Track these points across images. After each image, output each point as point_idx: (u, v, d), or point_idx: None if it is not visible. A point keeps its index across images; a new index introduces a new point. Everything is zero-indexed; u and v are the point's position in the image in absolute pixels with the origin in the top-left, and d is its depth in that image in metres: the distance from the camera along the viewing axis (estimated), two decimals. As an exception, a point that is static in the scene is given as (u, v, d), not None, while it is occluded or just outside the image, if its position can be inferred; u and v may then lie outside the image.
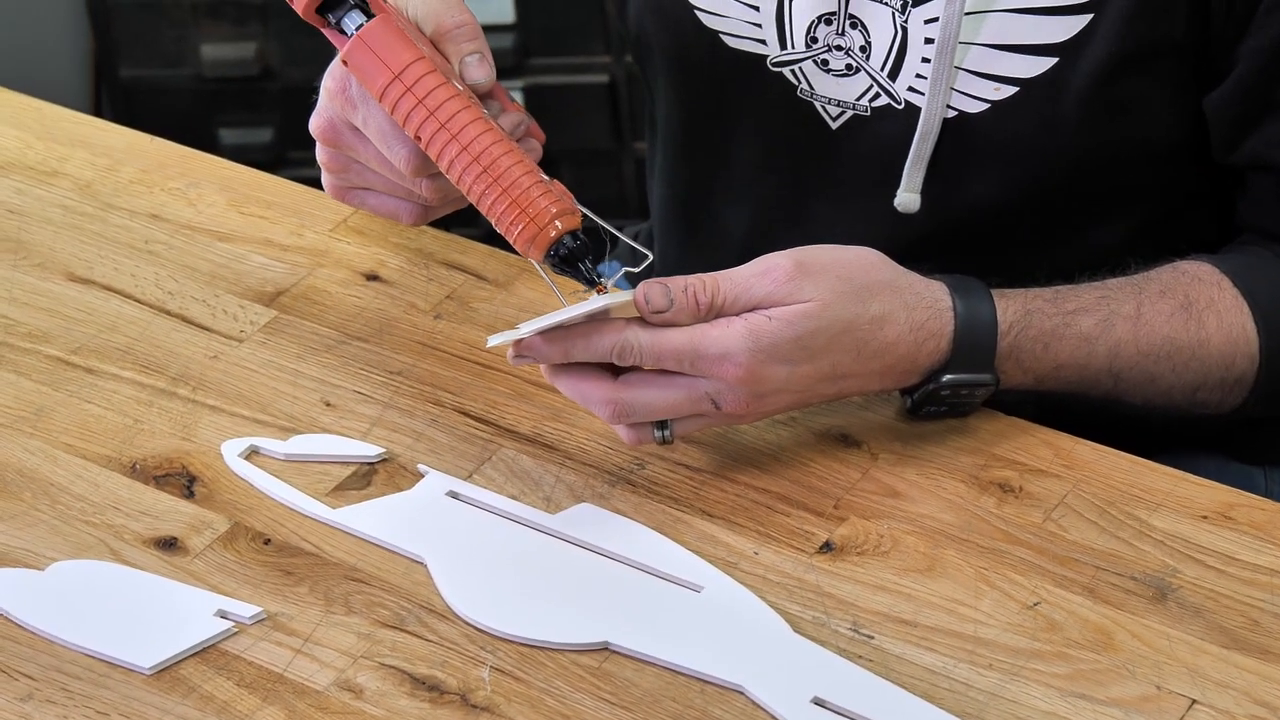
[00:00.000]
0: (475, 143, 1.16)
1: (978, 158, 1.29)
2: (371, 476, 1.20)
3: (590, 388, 1.15)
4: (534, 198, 1.16)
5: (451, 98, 1.17)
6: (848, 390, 1.18)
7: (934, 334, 1.18)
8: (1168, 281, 1.24)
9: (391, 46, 1.17)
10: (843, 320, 1.15)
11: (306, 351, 1.28)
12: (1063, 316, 1.21)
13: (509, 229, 1.17)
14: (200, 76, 2.48)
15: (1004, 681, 1.08)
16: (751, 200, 1.38)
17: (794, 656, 1.09)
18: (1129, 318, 1.22)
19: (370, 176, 1.25)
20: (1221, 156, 1.29)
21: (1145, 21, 1.23)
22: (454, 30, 1.21)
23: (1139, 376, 1.23)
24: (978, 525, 1.16)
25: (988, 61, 1.26)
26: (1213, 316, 1.23)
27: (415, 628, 1.11)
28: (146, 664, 1.09)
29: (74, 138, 1.45)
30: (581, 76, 2.43)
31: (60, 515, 1.17)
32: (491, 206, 1.17)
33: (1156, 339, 1.22)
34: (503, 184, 1.16)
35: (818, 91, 1.31)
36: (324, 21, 1.20)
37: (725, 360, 1.13)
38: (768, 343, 1.13)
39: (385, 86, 1.17)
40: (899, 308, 1.17)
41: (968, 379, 1.19)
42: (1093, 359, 1.22)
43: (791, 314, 1.14)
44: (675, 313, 1.13)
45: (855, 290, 1.15)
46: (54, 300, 1.32)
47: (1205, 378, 1.24)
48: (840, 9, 1.28)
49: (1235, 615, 1.11)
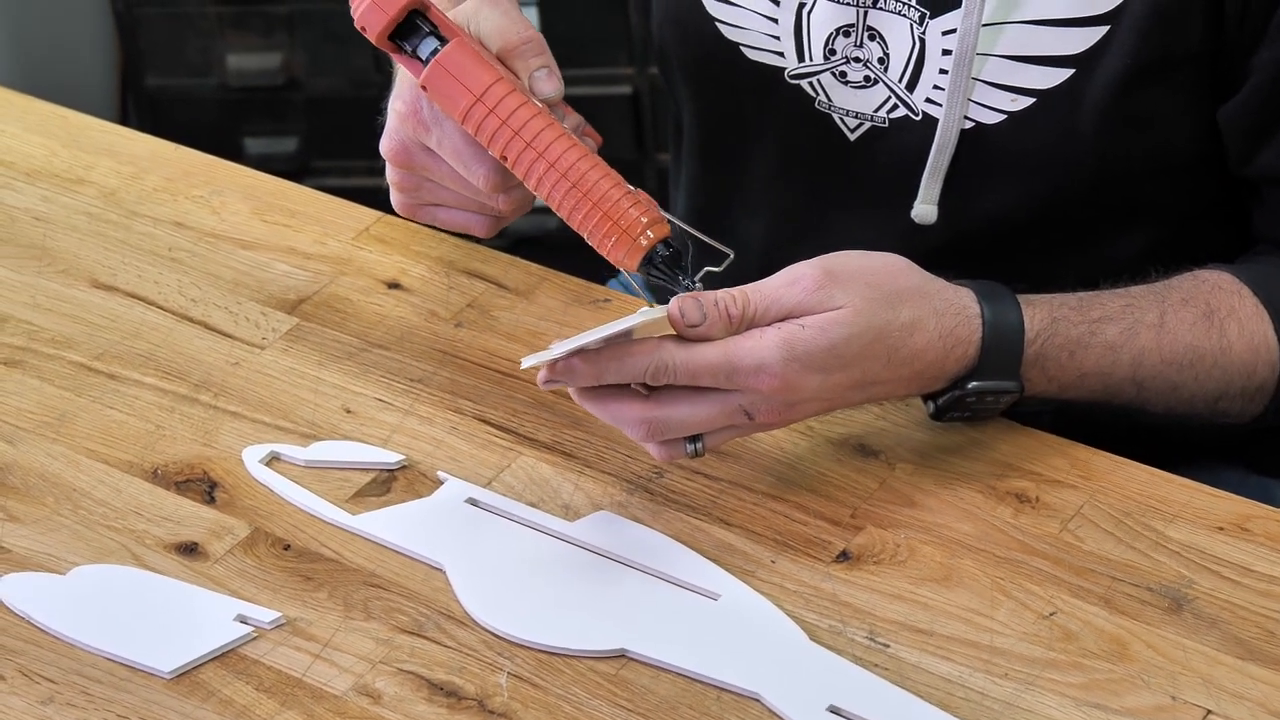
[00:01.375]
0: (562, 159, 1.18)
1: (994, 169, 1.29)
2: (391, 483, 1.20)
3: (623, 408, 1.14)
4: (624, 209, 1.17)
5: (534, 116, 1.19)
6: (875, 396, 1.18)
7: (962, 340, 1.18)
8: (1189, 290, 1.24)
9: (470, 69, 1.19)
10: (874, 327, 1.15)
11: (328, 359, 1.28)
12: (1088, 325, 1.21)
13: (601, 241, 1.18)
14: (226, 86, 2.49)
15: (1020, 691, 1.08)
16: (770, 211, 1.39)
17: (810, 665, 1.09)
18: (1153, 326, 1.22)
19: (442, 193, 1.26)
20: (1236, 169, 1.30)
21: (1161, 33, 1.24)
22: (521, 46, 1.22)
23: (1162, 385, 1.23)
24: (994, 535, 1.16)
25: (1005, 73, 1.26)
26: (1234, 324, 1.23)
27: (434, 634, 1.11)
28: (167, 668, 1.10)
29: (99, 146, 1.46)
30: (604, 88, 2.44)
31: (82, 520, 1.18)
32: (583, 221, 1.18)
33: (1180, 347, 1.22)
34: (593, 198, 1.18)
35: (835, 103, 1.31)
36: (396, 48, 1.22)
37: (760, 371, 1.13)
38: (801, 351, 1.13)
39: (468, 109, 1.19)
40: (928, 314, 1.17)
41: (993, 386, 1.19)
42: (1117, 368, 1.22)
43: (824, 321, 1.14)
44: (708, 326, 1.13)
45: (885, 296, 1.15)
46: (78, 306, 1.33)
47: (1227, 386, 1.24)
48: (858, 21, 1.28)
49: (1251, 626, 1.11)
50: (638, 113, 2.41)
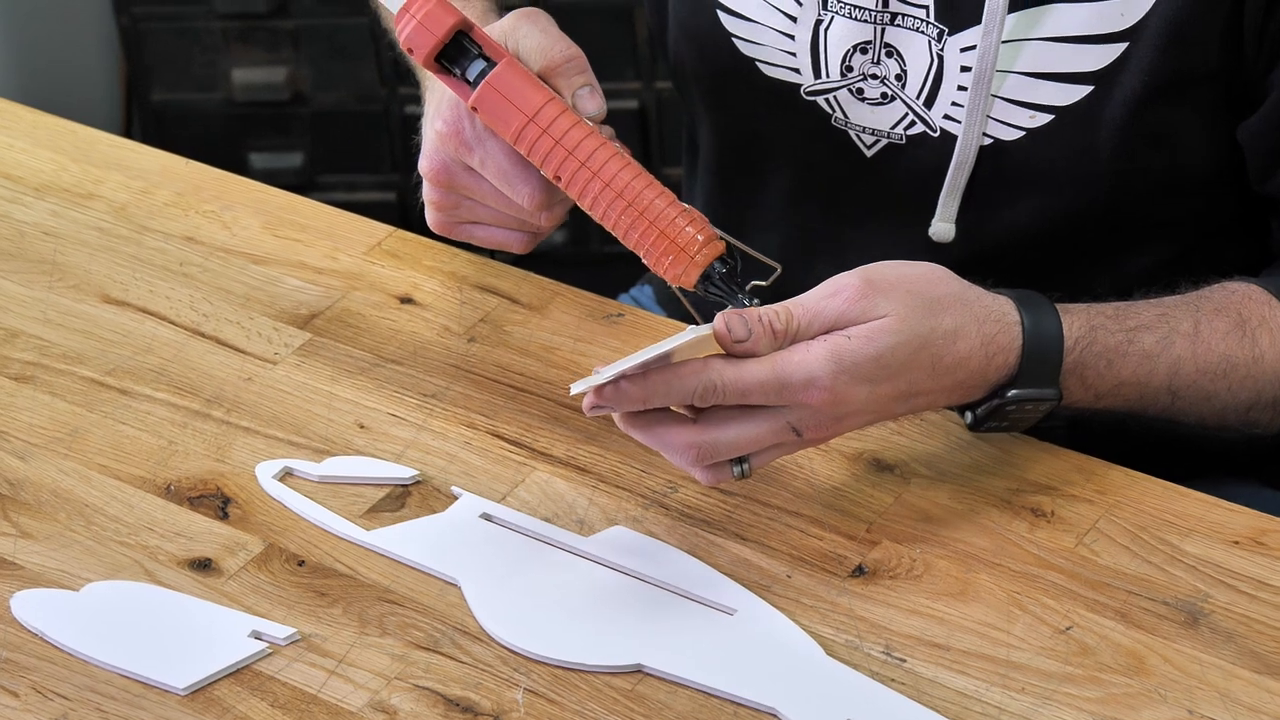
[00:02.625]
0: (617, 178, 1.19)
1: (1013, 186, 1.29)
2: (405, 498, 1.20)
3: (671, 434, 1.13)
4: (681, 227, 1.18)
5: (587, 136, 1.20)
6: (917, 408, 1.17)
7: (1003, 348, 1.17)
8: (1221, 300, 1.24)
9: (521, 90, 1.20)
10: (919, 335, 1.14)
11: (341, 374, 1.28)
12: (1125, 333, 1.20)
13: (659, 260, 1.19)
14: (231, 101, 2.49)
15: (1036, 705, 1.08)
16: (786, 228, 1.38)
17: (827, 680, 1.09)
18: (1188, 335, 1.22)
19: (481, 212, 1.26)
20: (1257, 185, 1.29)
21: (1179, 50, 1.24)
22: (564, 65, 1.23)
23: (1196, 395, 1.23)
24: (1010, 549, 1.16)
25: (1024, 90, 1.26)
26: (1266, 334, 1.23)
27: (449, 649, 1.11)
28: (181, 684, 1.09)
29: (109, 160, 1.45)
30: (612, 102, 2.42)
31: (95, 536, 1.18)
32: (640, 239, 1.19)
33: (1214, 357, 1.22)
34: (649, 216, 1.19)
35: (852, 120, 1.31)
36: (442, 69, 1.22)
37: (810, 386, 1.12)
38: (849, 362, 1.12)
39: (520, 129, 1.20)
40: (970, 321, 1.16)
41: (1033, 394, 1.18)
42: (1153, 376, 1.21)
43: (870, 331, 1.13)
44: (754, 342, 1.12)
45: (927, 304, 1.15)
46: (89, 322, 1.32)
47: (1259, 396, 1.24)
48: (876, 38, 1.28)
49: (1267, 640, 1.11)
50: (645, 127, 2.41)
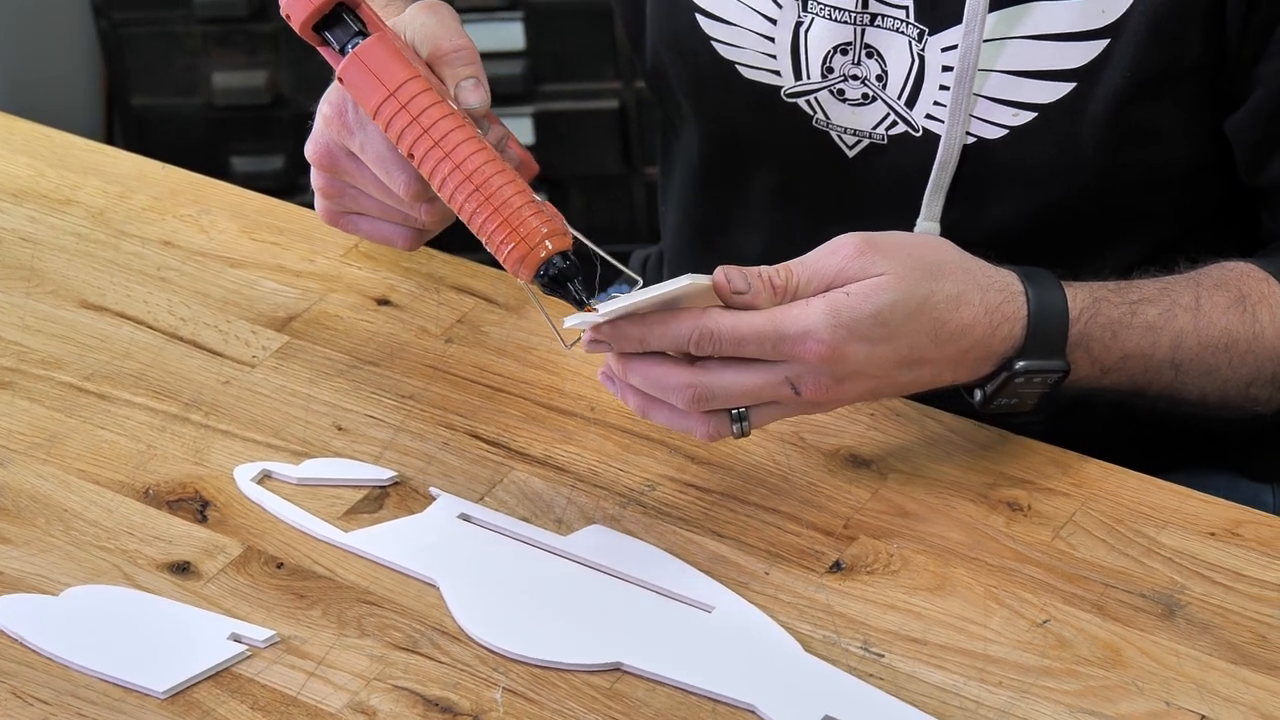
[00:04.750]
0: (468, 161, 1.16)
1: (996, 184, 1.29)
2: (384, 500, 1.20)
3: (667, 373, 1.12)
4: (525, 217, 1.16)
5: (445, 116, 1.17)
6: (923, 380, 1.16)
7: (1009, 318, 1.16)
8: (1219, 276, 1.24)
9: (387, 65, 1.17)
10: (918, 295, 1.13)
11: (318, 376, 1.28)
12: (1128, 305, 1.20)
13: (499, 248, 1.16)
14: (212, 105, 2.49)
15: (1014, 699, 1.08)
16: (769, 228, 1.39)
17: (805, 676, 1.09)
18: (1189, 309, 1.22)
19: (366, 202, 1.25)
20: (1247, 178, 1.30)
21: (1161, 45, 1.24)
22: (452, 54, 1.21)
23: (1199, 368, 1.22)
24: (987, 544, 1.17)
25: (1006, 88, 1.26)
26: (1266, 310, 1.23)
27: (428, 650, 1.11)
28: (161, 688, 1.10)
29: (86, 166, 1.46)
30: (591, 102, 2.44)
31: (74, 541, 1.18)
32: (483, 225, 1.17)
33: (1215, 330, 1.22)
34: (494, 203, 1.16)
35: (833, 121, 1.31)
36: (320, 40, 1.21)
37: (807, 338, 1.11)
38: (848, 318, 1.11)
39: (380, 104, 1.17)
40: (972, 288, 1.15)
41: (1042, 365, 1.17)
42: (1157, 349, 1.21)
43: (868, 288, 1.12)
44: (753, 295, 1.11)
45: (927, 267, 1.14)
46: (67, 327, 1.33)
47: (1259, 371, 1.24)
48: (856, 39, 1.28)
49: (1244, 631, 1.11)
50: (625, 127, 2.42)
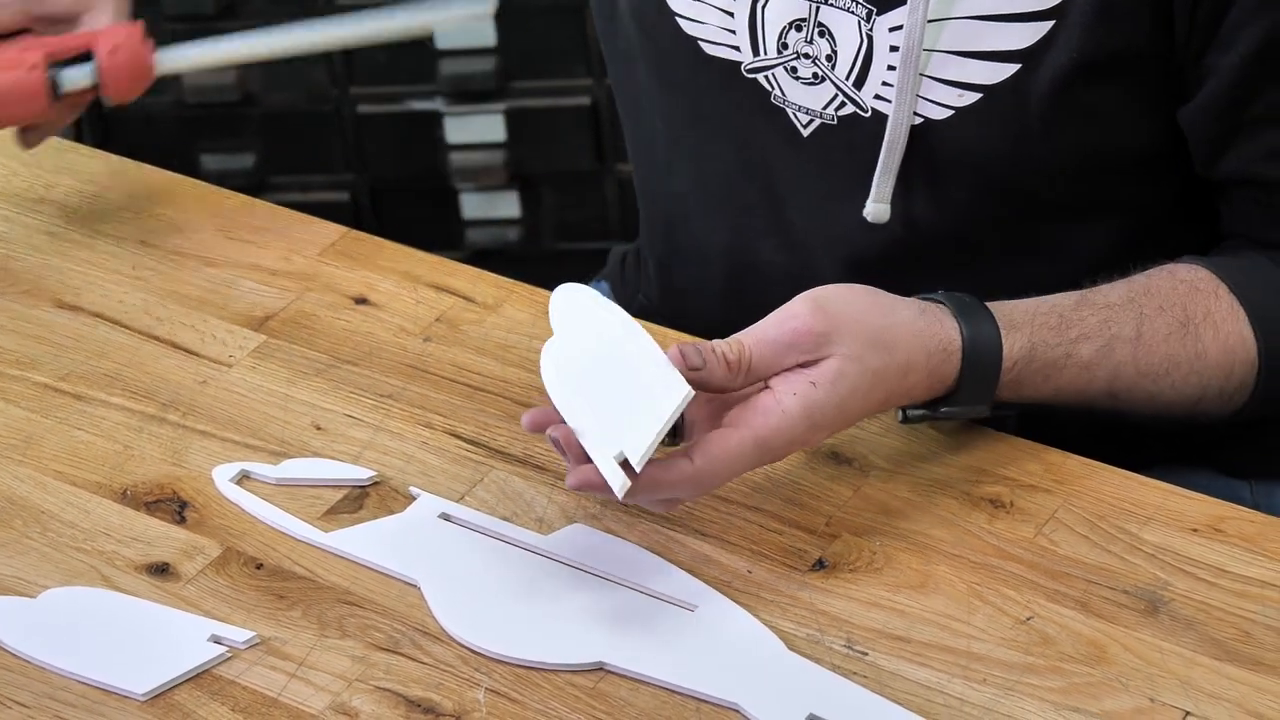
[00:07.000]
0: None
1: (946, 166, 1.29)
2: (363, 500, 1.20)
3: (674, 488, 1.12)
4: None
5: None
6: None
7: (945, 377, 1.19)
8: (1166, 294, 1.24)
9: None
10: (872, 371, 1.15)
11: (296, 376, 1.28)
12: (1066, 346, 1.21)
13: None
14: (182, 103, 2.48)
15: (998, 696, 1.08)
16: (731, 212, 1.39)
17: (788, 674, 1.09)
18: (1129, 340, 1.22)
19: None
20: (1202, 171, 1.30)
21: (1107, 30, 1.24)
22: None
23: (1139, 395, 1.23)
24: (969, 541, 1.16)
25: (952, 68, 1.27)
26: (1209, 329, 1.24)
27: (410, 650, 1.11)
28: (140, 690, 1.09)
29: (59, 164, 1.45)
30: (563, 99, 2.43)
31: (51, 542, 1.17)
32: None
33: (1156, 358, 1.23)
34: None
35: (789, 99, 1.32)
36: None
37: (791, 445, 1.14)
38: (819, 416, 1.14)
39: None
40: (918, 352, 1.17)
41: (966, 410, 1.20)
42: (1092, 384, 1.22)
43: (830, 375, 1.14)
44: (708, 372, 1.12)
45: (878, 337, 1.16)
46: (42, 327, 1.32)
47: (1204, 390, 1.24)
48: (810, 16, 1.29)
49: (1227, 627, 1.11)
50: (597, 124, 2.41)
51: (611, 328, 1.14)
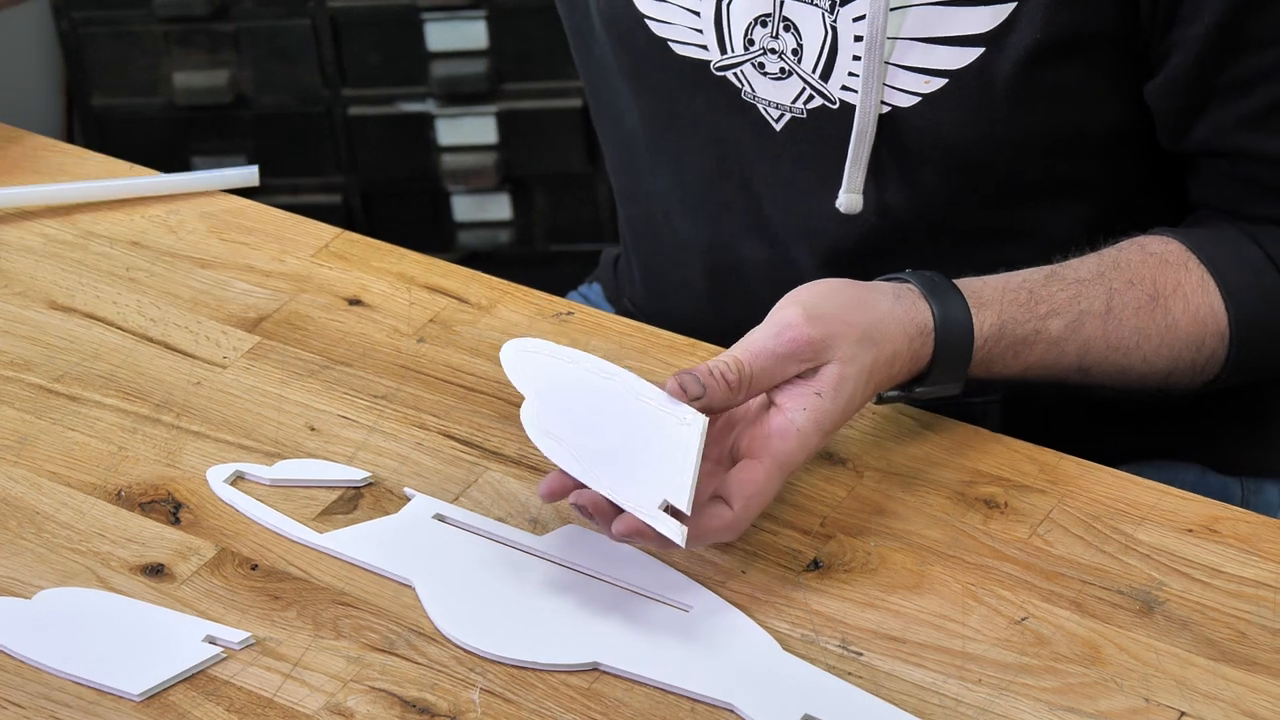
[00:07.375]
0: None
1: (916, 153, 1.29)
2: (358, 500, 1.20)
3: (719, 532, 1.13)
4: None
5: None
6: None
7: (922, 358, 1.19)
8: (1135, 268, 1.25)
9: None
10: (865, 367, 1.16)
11: (290, 377, 1.28)
12: (1035, 322, 1.22)
13: None
14: (173, 105, 2.48)
15: (993, 696, 1.08)
16: (710, 209, 1.39)
17: (783, 674, 1.09)
18: (1099, 315, 1.23)
19: None
20: (1170, 144, 1.30)
21: (1069, 9, 1.24)
22: None
23: (1109, 368, 1.25)
24: (964, 541, 1.16)
25: (916, 55, 1.27)
26: (1179, 301, 1.24)
27: (405, 651, 1.11)
28: (136, 690, 1.09)
29: (52, 166, 1.45)
30: (555, 101, 2.43)
31: (46, 543, 1.17)
32: None
33: (1125, 332, 1.24)
34: None
35: (759, 94, 1.32)
36: None
37: (809, 459, 1.15)
38: (829, 423, 1.15)
39: None
40: (902, 340, 1.18)
41: (939, 390, 1.21)
42: (1062, 358, 1.23)
43: (833, 382, 1.15)
44: (709, 398, 1.13)
45: (866, 334, 1.17)
46: (36, 328, 1.32)
47: (1175, 363, 1.25)
48: (774, 11, 1.29)
49: (1222, 627, 1.11)
50: (589, 126, 2.41)
51: (583, 376, 1.13)
